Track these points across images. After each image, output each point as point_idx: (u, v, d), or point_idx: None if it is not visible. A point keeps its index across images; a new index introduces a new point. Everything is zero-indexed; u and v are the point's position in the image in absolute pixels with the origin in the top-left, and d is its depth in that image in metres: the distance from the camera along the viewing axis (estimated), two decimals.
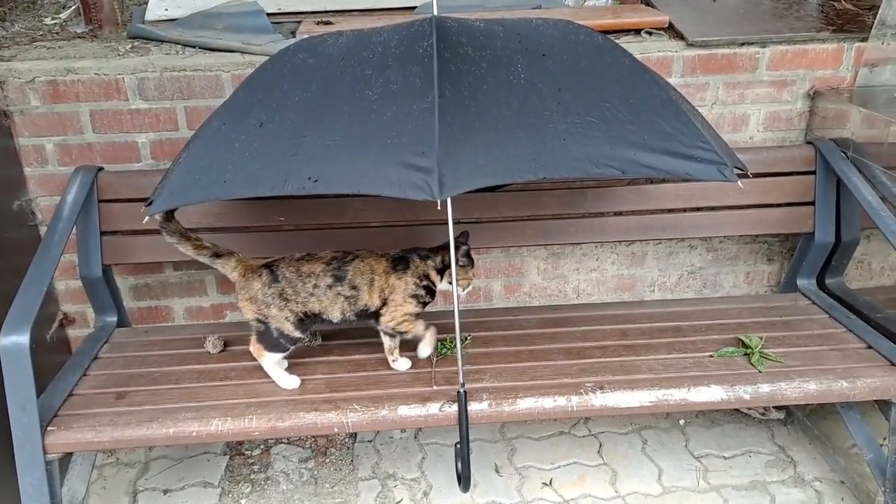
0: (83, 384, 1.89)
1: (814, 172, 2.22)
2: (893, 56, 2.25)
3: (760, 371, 1.87)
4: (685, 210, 2.25)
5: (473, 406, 1.74)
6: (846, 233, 2.24)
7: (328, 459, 2.33)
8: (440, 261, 1.85)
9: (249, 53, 2.18)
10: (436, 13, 1.62)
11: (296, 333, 1.81)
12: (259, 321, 1.81)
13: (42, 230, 2.22)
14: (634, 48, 2.19)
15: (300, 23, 2.40)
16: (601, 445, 2.37)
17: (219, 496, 2.19)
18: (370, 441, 2.41)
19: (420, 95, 1.42)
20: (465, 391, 1.70)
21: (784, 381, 1.82)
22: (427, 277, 1.84)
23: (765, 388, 1.81)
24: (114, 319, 2.18)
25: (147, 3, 2.42)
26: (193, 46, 2.24)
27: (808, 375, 1.84)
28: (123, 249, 2.13)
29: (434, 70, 1.44)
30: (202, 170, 1.48)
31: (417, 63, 1.48)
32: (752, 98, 2.32)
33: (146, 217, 1.55)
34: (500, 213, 2.20)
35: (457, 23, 1.61)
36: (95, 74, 2.10)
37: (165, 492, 2.21)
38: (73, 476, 1.86)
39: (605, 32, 1.99)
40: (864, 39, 2.26)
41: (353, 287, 1.80)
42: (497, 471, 2.27)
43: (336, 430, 1.78)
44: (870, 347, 1.96)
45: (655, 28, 2.33)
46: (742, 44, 2.25)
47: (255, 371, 1.88)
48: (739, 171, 1.50)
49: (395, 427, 2.19)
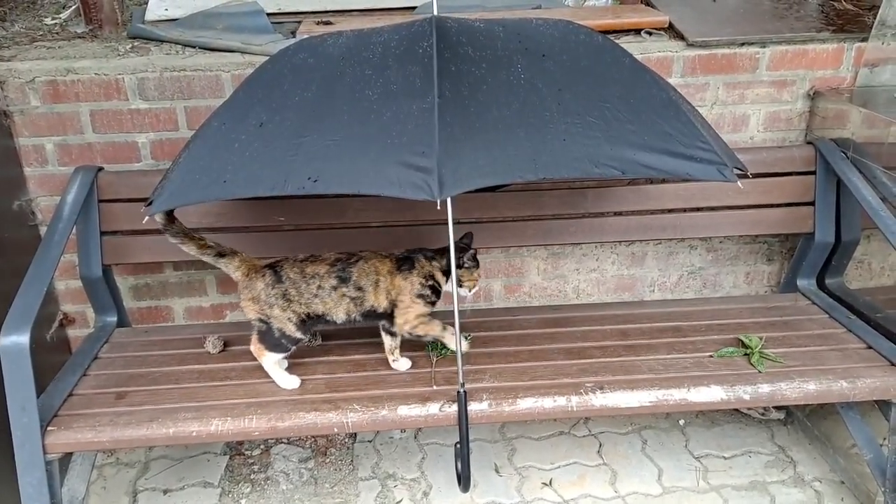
0: (83, 384, 1.90)
1: (814, 172, 2.22)
2: (893, 56, 2.25)
3: (760, 371, 1.87)
4: (685, 210, 2.25)
5: (473, 406, 1.74)
6: (846, 233, 2.24)
7: (328, 459, 2.33)
8: (446, 262, 1.84)
9: (249, 53, 2.18)
10: (436, 13, 1.62)
11: (297, 334, 1.81)
12: (261, 321, 1.81)
13: (42, 230, 2.22)
14: (634, 48, 2.19)
15: (300, 23, 2.40)
16: (601, 445, 2.37)
17: (219, 496, 2.19)
18: (370, 441, 2.41)
19: (420, 95, 1.42)
20: (465, 391, 1.70)
21: (784, 382, 1.82)
22: (432, 277, 1.84)
23: (765, 389, 1.81)
24: (114, 319, 2.19)
25: (147, 3, 2.42)
26: (193, 46, 2.24)
27: (808, 375, 1.84)
28: (123, 249, 2.13)
29: (434, 70, 1.44)
30: (202, 170, 1.48)
31: (417, 63, 1.48)
32: (752, 98, 2.32)
33: (146, 217, 1.55)
34: (500, 213, 2.20)
35: (457, 23, 1.61)
36: (95, 74, 2.10)
37: (165, 492, 2.21)
38: (73, 476, 1.86)
39: (605, 32, 2.00)
40: (864, 39, 2.26)
41: (359, 288, 1.80)
42: (497, 471, 2.27)
43: (336, 430, 1.78)
44: (870, 347, 1.96)
45: (655, 28, 2.33)
46: (742, 44, 2.25)
47: (255, 371, 1.88)
48: (739, 172, 1.50)
49: (395, 427, 2.19)
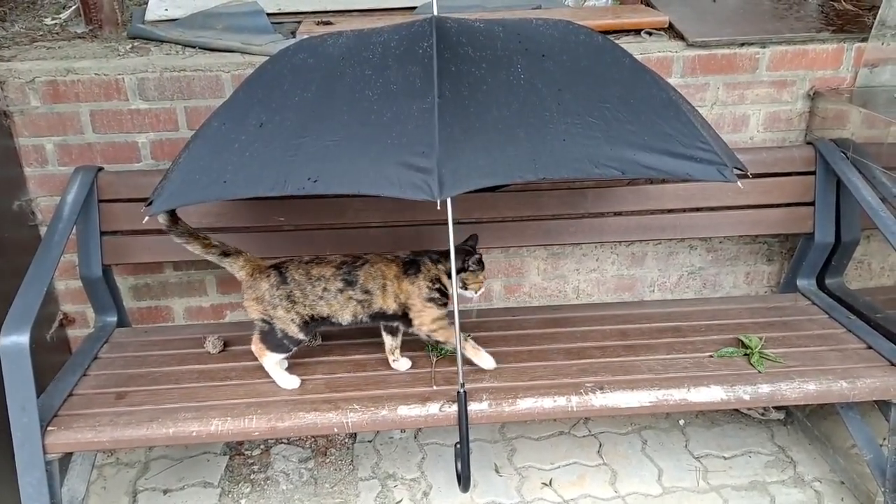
0: (83, 384, 1.90)
1: (814, 173, 2.22)
2: (893, 56, 2.25)
3: (760, 371, 1.87)
4: (685, 210, 2.25)
5: (473, 406, 1.74)
6: (846, 233, 2.24)
7: (328, 459, 2.33)
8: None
9: (249, 53, 2.18)
10: (436, 13, 1.62)
11: (300, 335, 1.81)
12: (264, 321, 1.81)
13: (42, 230, 2.23)
14: (634, 48, 2.19)
15: (300, 23, 2.40)
16: (601, 445, 2.37)
17: (219, 496, 2.19)
18: (370, 441, 2.41)
19: (420, 96, 1.42)
20: (465, 391, 1.70)
21: (784, 382, 1.82)
22: (438, 281, 1.83)
23: (764, 389, 1.81)
24: (114, 319, 2.19)
25: (147, 3, 2.42)
26: (193, 46, 2.24)
27: (808, 376, 1.84)
28: (123, 249, 2.13)
29: (434, 70, 1.44)
30: (202, 170, 1.48)
31: (417, 63, 1.48)
32: (752, 98, 2.32)
33: (146, 217, 1.55)
34: (500, 213, 2.20)
35: (457, 23, 1.61)
36: (95, 74, 2.10)
37: (165, 492, 2.21)
38: (73, 476, 1.86)
39: (605, 33, 1.99)
40: (864, 40, 2.26)
41: (366, 291, 1.80)
42: (497, 471, 2.27)
43: (336, 430, 1.78)
44: (870, 348, 1.96)
45: (655, 28, 2.33)
46: (742, 44, 2.25)
47: (255, 371, 1.88)
48: (739, 172, 1.50)
49: (395, 427, 2.19)
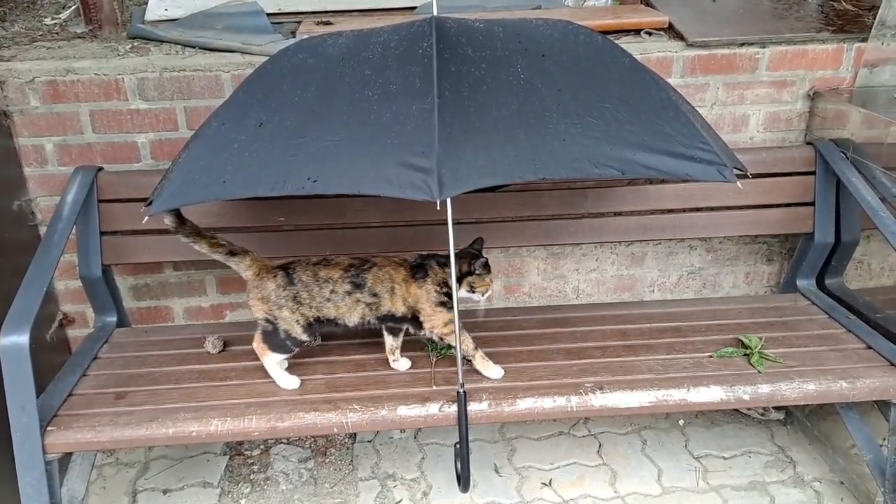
0: (83, 384, 1.90)
1: (813, 173, 2.22)
2: (893, 56, 2.25)
3: (760, 371, 1.87)
4: (685, 210, 2.25)
5: (473, 406, 1.74)
6: (846, 233, 2.24)
7: (328, 460, 2.33)
8: (458, 269, 1.83)
9: (249, 53, 2.18)
10: (435, 13, 1.62)
11: (303, 336, 1.81)
12: (267, 321, 1.81)
13: (42, 230, 2.23)
14: (634, 48, 2.19)
15: (300, 23, 2.40)
16: (601, 446, 2.37)
17: (218, 496, 2.19)
18: (370, 441, 2.41)
19: (420, 96, 1.42)
20: (465, 391, 1.70)
21: (783, 382, 1.82)
22: (446, 284, 1.82)
23: (764, 389, 1.81)
24: (113, 319, 2.19)
25: (147, 3, 2.42)
26: (193, 46, 2.24)
27: (808, 376, 1.84)
28: (123, 249, 2.13)
29: (434, 70, 1.44)
30: (202, 170, 1.48)
31: (417, 63, 1.48)
32: (752, 98, 2.32)
33: (146, 217, 1.55)
34: (500, 213, 2.20)
35: (456, 23, 1.61)
36: (95, 74, 2.10)
37: (165, 492, 2.21)
38: (73, 476, 1.86)
39: (605, 33, 1.99)
40: (864, 40, 2.26)
41: (374, 294, 1.80)
42: (497, 471, 2.27)
43: (336, 431, 1.78)
44: (869, 348, 1.96)
45: (655, 28, 2.32)
46: (742, 44, 2.25)
47: (255, 371, 1.88)
48: (739, 172, 1.50)
49: (395, 427, 2.19)
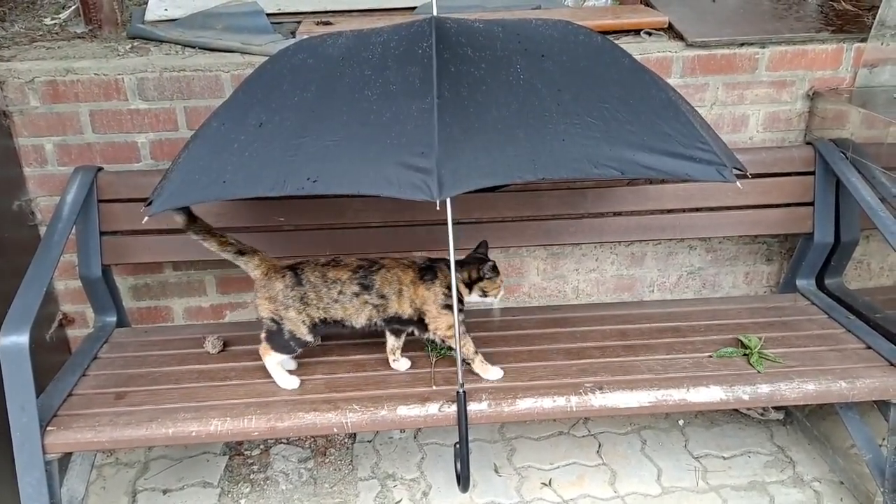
0: (83, 384, 1.90)
1: (813, 173, 2.23)
2: (893, 56, 2.25)
3: (759, 371, 1.87)
4: (684, 210, 2.25)
5: (473, 406, 1.74)
6: (845, 233, 2.24)
7: (327, 459, 2.33)
8: (468, 275, 1.84)
9: (249, 53, 2.18)
10: (435, 14, 1.62)
11: (307, 337, 1.81)
12: (273, 321, 1.81)
13: (42, 230, 2.23)
14: (634, 49, 2.19)
15: (300, 23, 2.40)
16: (600, 445, 2.37)
17: (218, 496, 2.19)
18: (370, 441, 2.41)
19: (419, 96, 1.42)
20: (465, 391, 1.70)
21: (783, 382, 1.82)
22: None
23: (764, 389, 1.81)
24: (113, 319, 2.19)
25: (147, 3, 2.42)
26: (193, 46, 2.24)
27: (807, 376, 1.84)
28: (123, 249, 2.13)
29: (433, 71, 1.44)
30: (202, 170, 1.48)
31: (417, 64, 1.48)
32: (752, 99, 2.32)
33: (146, 217, 1.55)
34: (500, 213, 2.20)
35: (456, 23, 1.61)
36: (95, 74, 2.11)
37: (165, 492, 2.21)
38: (73, 476, 1.86)
39: (605, 33, 1.99)
40: (864, 40, 2.26)
41: (382, 296, 1.80)
42: (496, 471, 2.27)
43: (335, 431, 1.78)
44: (869, 348, 1.96)
45: (655, 28, 2.33)
46: (741, 44, 2.25)
47: (255, 371, 1.88)
48: (738, 172, 1.50)
49: (395, 427, 2.19)
